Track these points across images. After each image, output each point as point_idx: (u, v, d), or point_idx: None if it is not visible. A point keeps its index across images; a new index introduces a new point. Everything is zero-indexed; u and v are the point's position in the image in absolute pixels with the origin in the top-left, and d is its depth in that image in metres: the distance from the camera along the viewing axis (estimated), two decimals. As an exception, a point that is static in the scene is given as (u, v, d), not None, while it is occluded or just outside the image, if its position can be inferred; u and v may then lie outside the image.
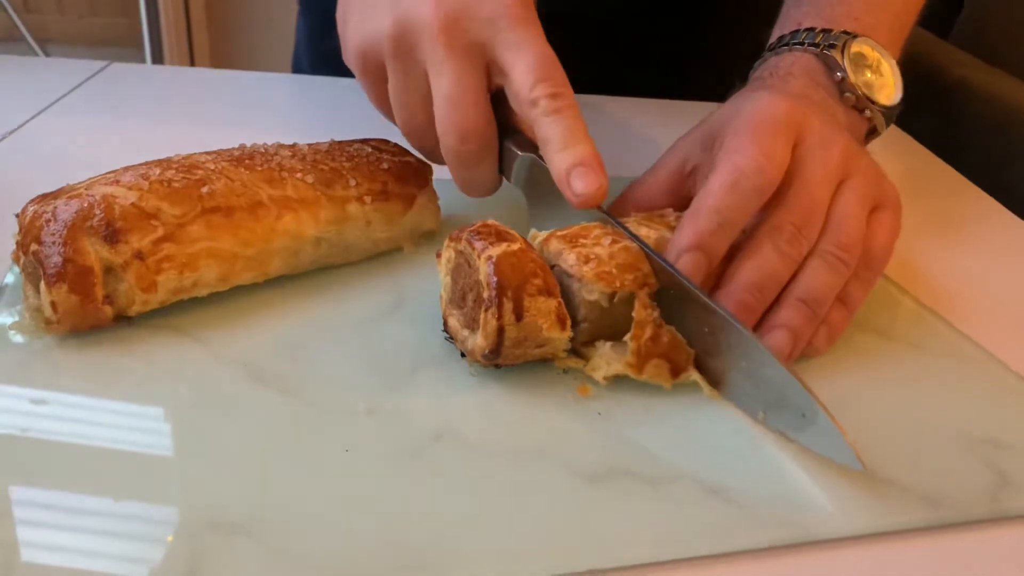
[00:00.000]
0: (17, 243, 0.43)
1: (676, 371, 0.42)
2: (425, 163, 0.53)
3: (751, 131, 0.44)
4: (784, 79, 0.52)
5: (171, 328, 0.44)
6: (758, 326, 0.44)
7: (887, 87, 0.53)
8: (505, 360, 0.41)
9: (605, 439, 0.39)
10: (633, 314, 0.41)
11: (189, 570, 0.31)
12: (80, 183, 0.45)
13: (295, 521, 0.33)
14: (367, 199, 0.49)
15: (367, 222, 0.50)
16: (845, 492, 0.38)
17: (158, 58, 2.46)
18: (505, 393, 0.42)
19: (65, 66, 0.79)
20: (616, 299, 0.41)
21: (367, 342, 0.44)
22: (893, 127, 0.85)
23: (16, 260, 0.43)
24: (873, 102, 0.52)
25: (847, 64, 0.52)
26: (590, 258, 0.41)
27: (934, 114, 0.99)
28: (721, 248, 0.43)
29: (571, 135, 0.43)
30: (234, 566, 0.31)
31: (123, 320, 0.43)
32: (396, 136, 0.55)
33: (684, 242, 0.42)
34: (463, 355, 0.43)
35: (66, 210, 0.42)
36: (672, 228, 0.45)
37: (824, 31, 0.53)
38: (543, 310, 0.40)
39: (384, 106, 0.50)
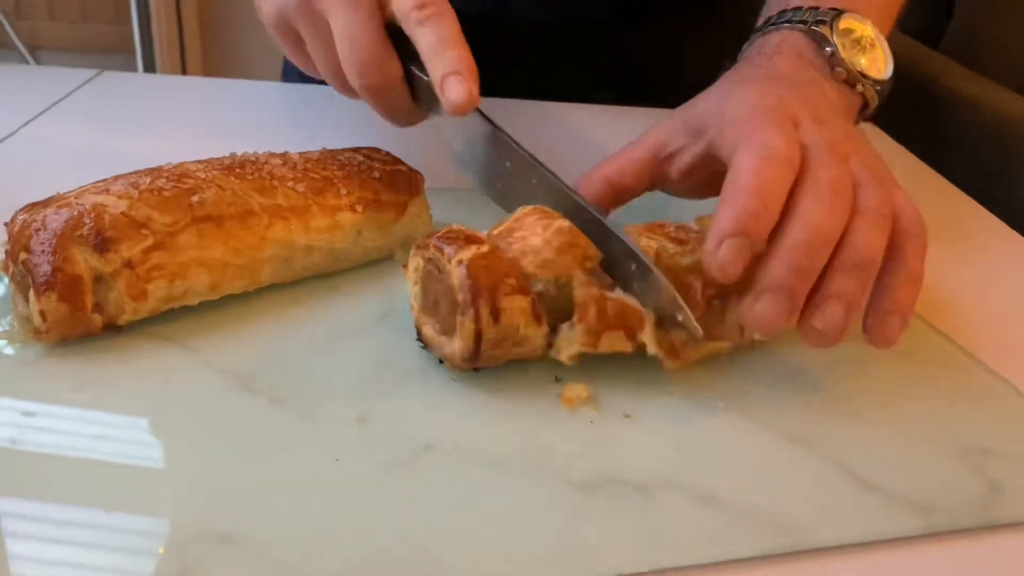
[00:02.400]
0: (6, 252, 0.43)
1: (631, 335, 0.42)
2: (416, 172, 0.53)
3: (761, 117, 0.43)
4: (771, 58, 0.52)
5: (161, 337, 0.44)
6: (810, 297, 0.41)
7: (877, 61, 0.52)
8: (484, 363, 0.41)
9: (595, 448, 0.39)
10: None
11: (178, 581, 0.31)
12: (70, 192, 0.44)
13: (285, 531, 0.33)
14: (358, 207, 0.49)
15: (358, 231, 0.50)
16: (836, 500, 0.38)
17: (150, 65, 2.46)
18: (496, 402, 0.42)
19: (56, 74, 0.79)
20: (562, 282, 0.42)
21: (358, 351, 0.44)
22: (883, 135, 0.86)
23: (5, 269, 0.43)
24: (864, 76, 0.51)
25: (836, 39, 0.51)
26: (527, 251, 0.42)
27: (924, 123, 0.99)
28: (763, 231, 0.40)
29: (440, 42, 0.44)
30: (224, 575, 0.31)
31: (113, 329, 0.43)
32: (388, 145, 0.55)
33: (726, 227, 0.39)
34: (441, 362, 0.43)
35: (56, 219, 0.42)
36: (672, 239, 0.45)
37: (812, 8, 0.52)
38: (519, 309, 0.40)
39: (307, 65, 0.51)
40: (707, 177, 0.48)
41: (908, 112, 1.02)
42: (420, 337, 0.44)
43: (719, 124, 0.45)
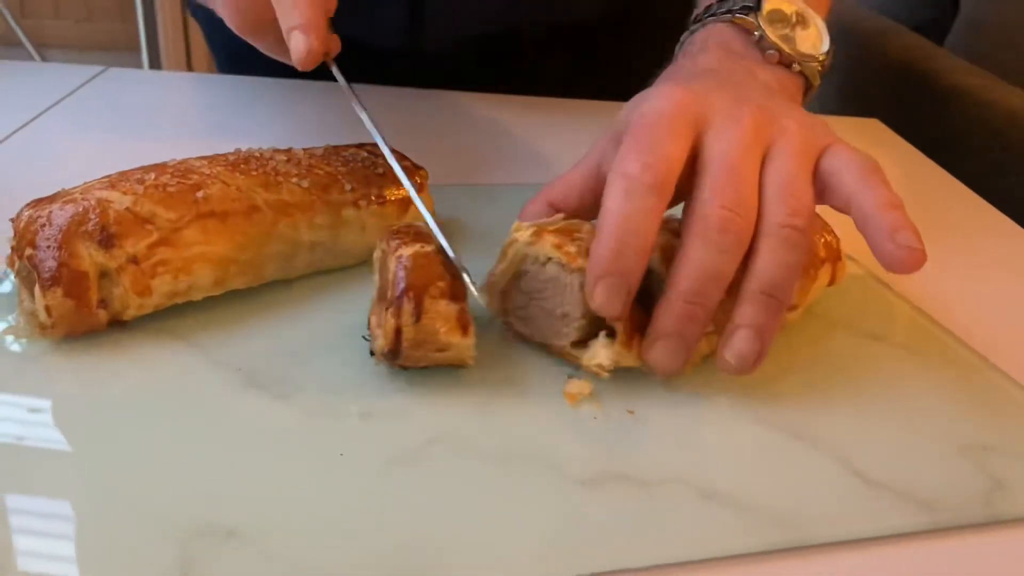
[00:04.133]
0: (12, 248, 0.43)
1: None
2: (420, 167, 0.53)
3: (635, 134, 0.42)
4: (694, 57, 0.51)
5: (166, 332, 0.44)
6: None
7: (811, 37, 0.51)
8: (407, 361, 0.41)
9: (599, 443, 0.39)
10: None
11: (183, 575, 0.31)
12: (75, 188, 0.45)
13: (289, 526, 0.33)
14: (362, 204, 0.49)
15: (362, 227, 0.50)
16: (840, 496, 0.38)
17: (155, 62, 2.46)
18: (499, 397, 0.42)
19: (62, 71, 0.79)
20: None
21: (361, 346, 0.44)
22: (888, 131, 0.85)
23: (11, 265, 0.43)
24: (800, 54, 0.50)
25: (763, 23, 0.50)
26: (585, 252, 0.41)
27: (930, 120, 0.99)
28: (633, 265, 0.39)
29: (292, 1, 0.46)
30: (228, 571, 0.31)
31: (118, 324, 0.43)
32: (392, 141, 0.55)
33: (595, 269, 0.39)
34: (372, 353, 0.42)
35: (61, 215, 0.42)
36: (679, 233, 0.45)
37: None
38: (443, 314, 0.40)
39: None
40: None
41: (913, 108, 1.02)
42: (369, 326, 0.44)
43: (621, 136, 0.43)
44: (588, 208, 0.46)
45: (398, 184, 0.51)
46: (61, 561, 0.31)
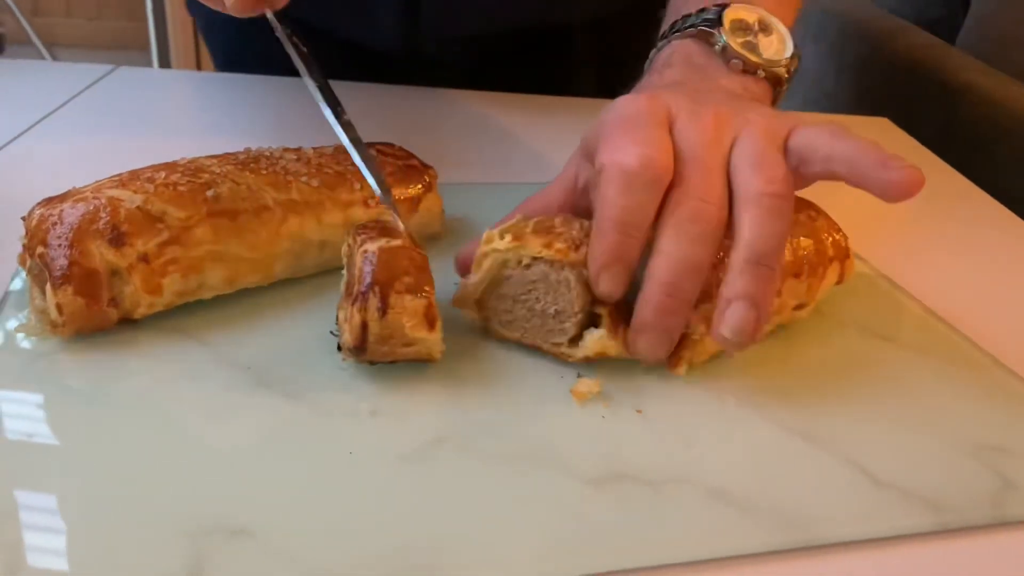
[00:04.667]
0: (24, 246, 0.43)
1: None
2: (429, 166, 0.53)
3: (620, 130, 0.43)
4: (660, 72, 0.52)
5: (176, 331, 0.44)
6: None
7: (774, 43, 0.52)
8: (373, 356, 0.41)
9: (606, 443, 0.39)
10: None
11: (192, 574, 0.31)
12: (86, 187, 0.45)
13: (298, 524, 0.34)
14: (371, 203, 0.49)
15: (371, 226, 0.50)
16: (847, 496, 0.38)
17: (165, 61, 2.47)
18: (508, 396, 0.42)
19: (72, 70, 0.80)
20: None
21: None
22: (898, 129, 0.85)
23: (22, 263, 0.44)
24: (764, 60, 0.51)
25: (725, 34, 0.50)
26: (577, 244, 0.42)
27: (940, 118, 0.99)
28: (634, 253, 0.41)
29: None
30: (237, 569, 0.31)
31: (128, 323, 0.43)
32: (401, 140, 0.56)
33: (597, 262, 0.41)
34: (339, 349, 0.42)
35: (72, 213, 0.42)
36: None
37: (700, 11, 0.52)
38: (409, 309, 0.40)
39: None
40: None
41: (923, 107, 1.02)
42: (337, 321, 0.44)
43: (596, 143, 0.44)
44: None
45: (407, 183, 0.51)
46: (70, 557, 0.31)
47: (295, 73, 0.51)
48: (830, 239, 0.50)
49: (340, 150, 0.52)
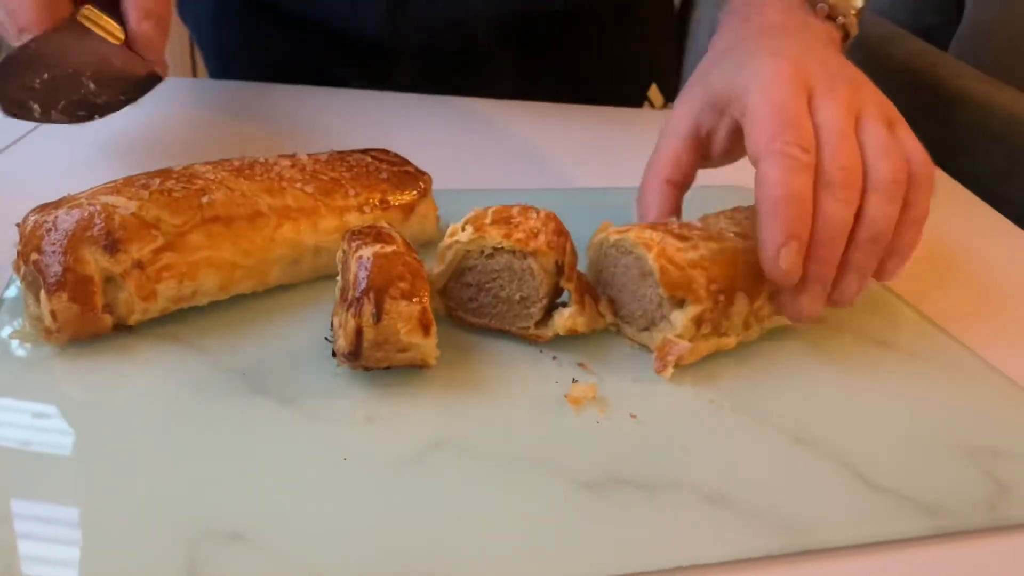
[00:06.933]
0: (18, 252, 0.43)
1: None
2: (424, 173, 0.53)
3: (773, 109, 0.45)
4: (760, 11, 0.54)
5: (171, 337, 0.44)
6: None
7: None
8: (368, 362, 0.41)
9: (603, 447, 0.39)
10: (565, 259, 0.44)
11: (187, 578, 0.31)
12: (81, 193, 0.45)
13: (293, 529, 0.34)
14: (366, 209, 0.49)
15: (366, 232, 0.50)
16: (844, 500, 0.38)
17: (161, 69, 2.47)
18: (503, 401, 0.42)
19: (68, 77, 0.79)
20: (559, 264, 0.44)
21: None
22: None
23: (17, 270, 0.43)
24: (844, 6, 0.54)
25: None
26: (535, 232, 0.44)
27: (934, 124, 0.99)
28: (806, 229, 0.44)
29: None
30: (233, 574, 0.31)
31: (123, 329, 0.43)
32: (396, 147, 0.56)
33: (778, 238, 0.43)
34: (334, 354, 0.42)
35: (67, 220, 0.42)
36: (675, 235, 0.45)
37: None
38: (404, 314, 0.40)
39: None
40: (739, 146, 0.49)
41: (917, 112, 1.02)
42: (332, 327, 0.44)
43: (740, 104, 0.47)
44: (694, 177, 0.52)
45: (402, 189, 0.52)
46: (66, 565, 0.31)
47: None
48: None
49: (335, 157, 0.52)
